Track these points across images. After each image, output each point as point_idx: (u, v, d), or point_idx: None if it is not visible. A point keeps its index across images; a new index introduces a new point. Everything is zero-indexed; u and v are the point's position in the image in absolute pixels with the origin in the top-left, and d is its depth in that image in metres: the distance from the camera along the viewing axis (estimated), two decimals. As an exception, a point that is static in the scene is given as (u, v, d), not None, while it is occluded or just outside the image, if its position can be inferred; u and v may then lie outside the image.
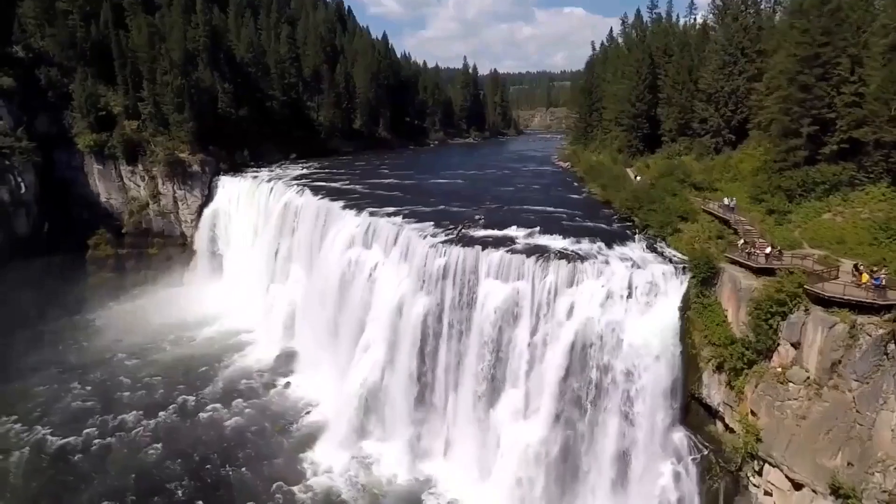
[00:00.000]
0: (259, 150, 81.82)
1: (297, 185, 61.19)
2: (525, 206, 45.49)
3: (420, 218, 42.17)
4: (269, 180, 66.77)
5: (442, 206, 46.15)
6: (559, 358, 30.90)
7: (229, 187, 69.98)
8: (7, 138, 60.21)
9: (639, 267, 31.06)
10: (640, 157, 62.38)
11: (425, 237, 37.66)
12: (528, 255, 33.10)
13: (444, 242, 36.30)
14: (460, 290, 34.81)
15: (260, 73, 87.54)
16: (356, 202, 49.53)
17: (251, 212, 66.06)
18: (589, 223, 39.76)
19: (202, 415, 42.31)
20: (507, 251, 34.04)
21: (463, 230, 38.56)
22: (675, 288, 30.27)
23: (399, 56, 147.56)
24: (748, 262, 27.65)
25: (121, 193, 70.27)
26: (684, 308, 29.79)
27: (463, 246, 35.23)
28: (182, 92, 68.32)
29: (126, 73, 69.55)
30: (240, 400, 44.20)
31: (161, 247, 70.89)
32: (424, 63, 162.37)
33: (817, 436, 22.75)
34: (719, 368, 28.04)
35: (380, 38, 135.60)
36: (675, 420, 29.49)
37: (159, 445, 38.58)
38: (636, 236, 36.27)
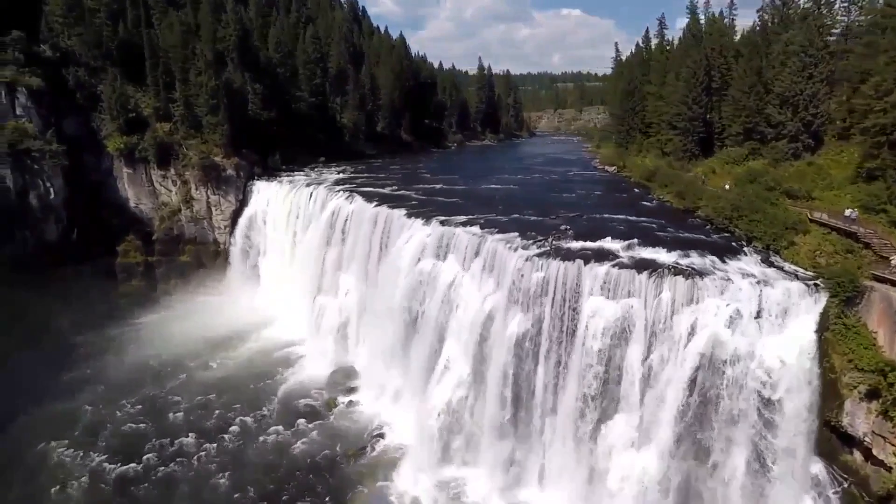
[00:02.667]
0: (289, 154, 79.12)
1: (342, 190, 58.51)
2: (604, 215, 43.17)
3: (498, 227, 39.75)
4: (308, 185, 64.11)
5: (515, 215, 43.72)
6: (682, 381, 28.61)
7: (265, 192, 67.31)
8: (36, 141, 57.26)
9: (766, 283, 28.82)
10: (694, 161, 60.43)
11: (516, 249, 35.23)
12: (639, 270, 30.73)
13: (539, 255, 33.87)
14: (561, 307, 32.39)
15: (289, 73, 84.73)
16: (418, 210, 46.99)
17: (290, 218, 63.42)
18: (684, 234, 37.51)
19: (266, 438, 39.68)
20: (613, 265, 31.68)
21: (554, 241, 36.16)
22: (808, 307, 28.11)
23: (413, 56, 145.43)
24: (907, 281, 25.47)
25: (151, 198, 67.51)
26: (821, 329, 27.62)
27: (562, 260, 32.83)
28: (217, 93, 65.58)
29: (157, 73, 66.79)
30: (303, 421, 41.61)
31: (193, 254, 68.20)
32: (440, 63, 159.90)
33: None
34: (870, 396, 25.81)
35: (396, 38, 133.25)
36: (813, 450, 27.26)
37: (227, 474, 35.95)
38: (746, 249, 34.05)
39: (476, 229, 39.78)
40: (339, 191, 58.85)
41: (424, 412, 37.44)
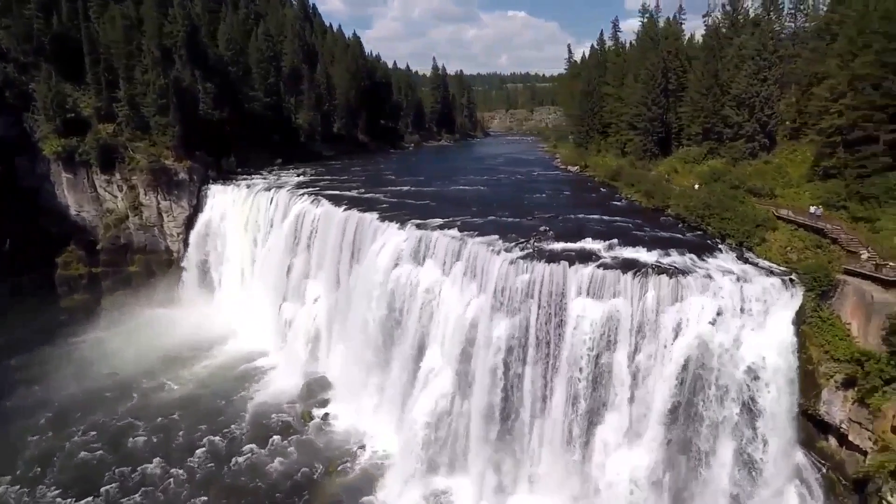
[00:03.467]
0: (244, 156, 75.69)
1: (306, 193, 56.33)
2: (578, 215, 43.41)
3: (476, 230, 39.17)
4: (268, 188, 61.45)
5: (491, 217, 43.29)
6: (669, 378, 28.96)
7: (221, 197, 64.04)
8: (-40, 144, 52.01)
9: (745, 280, 29.64)
10: (654, 161, 62.18)
11: (498, 252, 34.74)
12: (623, 271, 30.91)
13: (523, 258, 33.52)
14: (547, 310, 32.14)
15: (241, 72, 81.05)
16: (390, 213, 45.74)
17: (250, 224, 60.58)
18: (660, 233, 38.19)
19: (238, 459, 37.41)
20: (598, 266, 31.74)
21: (535, 243, 35.93)
22: (785, 302, 29.10)
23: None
24: (879, 275, 26.72)
25: (94, 205, 62.82)
26: (798, 323, 28.67)
27: (547, 262, 32.60)
28: (165, 92, 61.72)
29: (98, 70, 62.27)
30: (277, 437, 39.58)
31: (143, 264, 64.07)
32: (395, 63, 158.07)
33: None
34: (846, 385, 26.96)
35: (350, 37, 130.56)
36: (796, 439, 28.26)
37: (199, 501, 33.53)
38: (721, 246, 35.00)
39: (454, 232, 39.03)
40: (302, 194, 56.64)
41: (408, 422, 36.39)
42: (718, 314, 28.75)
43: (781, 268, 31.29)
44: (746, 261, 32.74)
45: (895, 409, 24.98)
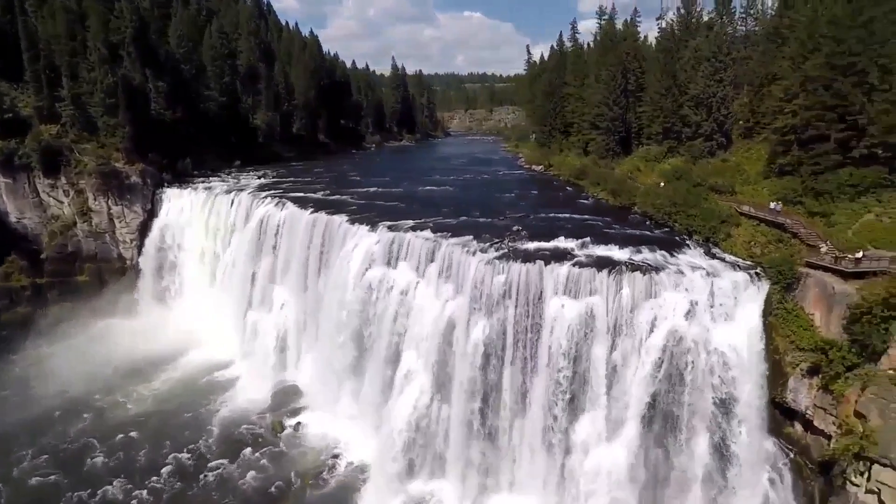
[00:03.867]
0: (200, 158, 72.73)
1: (270, 196, 54.58)
2: (549, 214, 43.80)
3: (450, 231, 38.81)
4: (228, 191, 59.25)
5: (463, 217, 43.10)
6: (646, 373, 29.59)
7: (177, 201, 61.26)
8: None
9: (715, 275, 30.58)
10: (616, 159, 63.64)
11: (474, 253, 34.56)
12: (598, 269, 31.30)
13: (499, 258, 33.45)
14: (525, 310, 32.20)
15: (195, 70, 77.80)
16: (359, 215, 44.82)
17: (209, 228, 58.24)
18: (629, 230, 38.95)
19: (208, 475, 35.82)
20: (573, 265, 32.04)
21: (510, 243, 35.94)
22: (752, 295, 30.21)
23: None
24: (838, 267, 28.04)
25: (37, 211, 58.91)
26: (765, 314, 29.80)
27: (523, 262, 32.65)
28: (114, 91, 58.49)
29: (38, 67, 58.30)
30: (248, 450, 38.14)
31: (93, 273, 60.51)
32: (353, 63, 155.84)
33: (945, 435, 23.34)
34: (811, 373, 28.20)
35: (307, 35, 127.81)
36: (766, 427, 29.37)
37: (167, 521, 31.88)
38: (689, 242, 35.99)
39: (428, 234, 38.58)
40: (265, 197, 54.85)
41: (385, 428, 35.75)
42: (691, 309, 29.55)
43: (747, 262, 32.48)
44: (713, 256, 33.81)
45: (857, 394, 26.29)
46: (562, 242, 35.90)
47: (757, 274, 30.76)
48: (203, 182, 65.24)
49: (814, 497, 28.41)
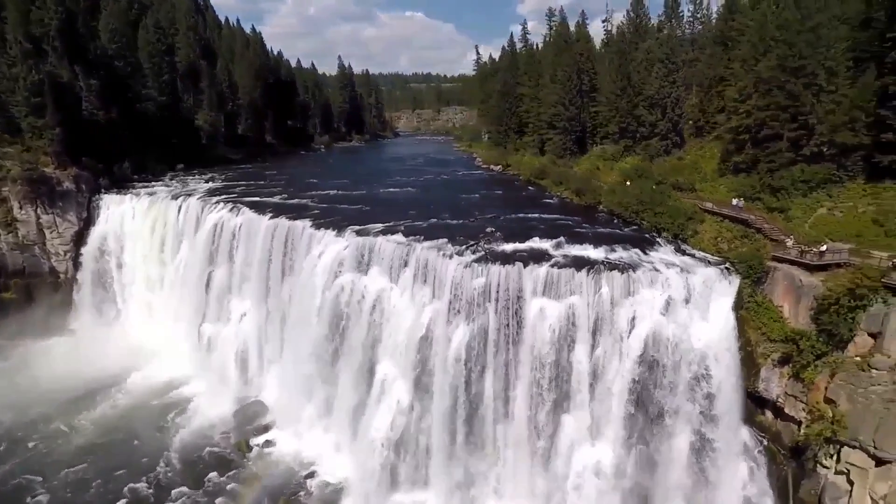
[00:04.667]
0: (140, 162, 67.97)
1: (222, 201, 51.54)
2: (518, 214, 43.68)
3: (421, 234, 37.80)
4: (175, 197, 55.54)
5: (433, 219, 42.21)
6: (627, 370, 29.89)
7: (117, 208, 56.87)
8: None
9: (688, 271, 31.31)
10: (573, 158, 64.80)
11: (451, 256, 33.77)
12: (577, 268, 31.34)
13: (477, 261, 32.85)
14: (505, 312, 31.77)
15: (130, 67, 72.47)
16: (323, 220, 42.99)
17: (155, 236, 54.40)
18: (600, 229, 39.39)
19: (171, 506, 33.07)
20: (552, 265, 31.93)
21: (486, 245, 35.42)
22: (724, 289, 31.14)
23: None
24: (803, 260, 29.31)
25: (-48, 224, 52.71)
26: (737, 308, 30.79)
27: (502, 264, 32.22)
28: (40, 89, 53.40)
29: (-51, 62, 52.22)
30: (214, 474, 35.63)
31: (21, 289, 54.94)
32: (298, 61, 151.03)
33: (910, 416, 24.79)
34: (782, 362, 29.35)
35: (249, 32, 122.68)
36: (742, 417, 30.35)
37: (128, 561, 29.12)
38: (659, 240, 36.76)
39: (399, 238, 37.43)
40: (217, 202, 51.74)
41: (363, 441, 34.41)
42: (668, 305, 30.10)
43: (715, 257, 33.52)
44: (683, 252, 34.72)
45: (826, 381, 27.56)
46: (537, 243, 35.77)
47: (727, 269, 31.78)
48: (145, 187, 60.92)
49: (787, 481, 29.55)
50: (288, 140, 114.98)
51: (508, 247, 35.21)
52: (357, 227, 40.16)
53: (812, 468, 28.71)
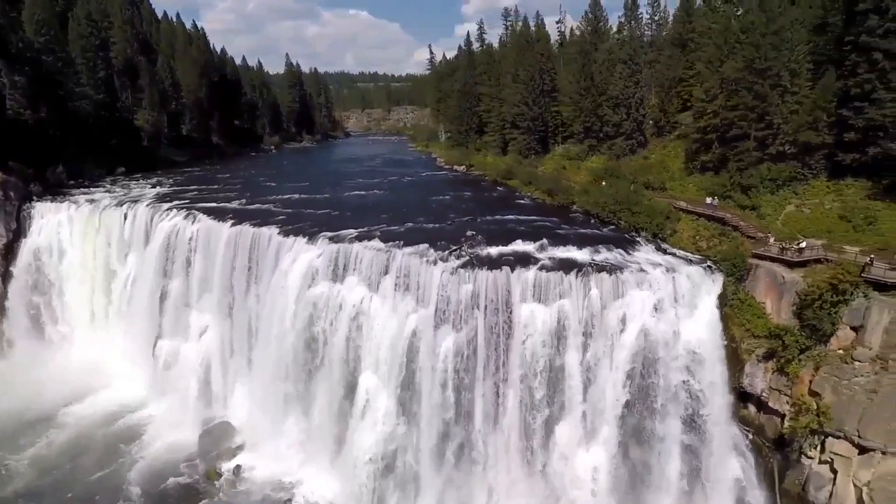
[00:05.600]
0: (76, 166, 62.43)
1: (175, 208, 47.86)
2: (494, 216, 42.84)
3: (400, 240, 36.18)
4: (119, 204, 51.25)
5: (408, 223, 40.68)
6: (620, 372, 29.73)
7: (52, 216, 51.82)
8: None
9: (674, 271, 31.46)
10: (537, 158, 65.01)
11: (436, 262, 32.45)
12: (566, 271, 30.84)
13: (463, 266, 31.71)
14: (494, 318, 30.82)
15: (60, 63, 66.37)
16: (291, 226, 40.54)
17: (98, 247, 49.96)
18: (579, 230, 39.18)
19: (135, 546, 29.97)
20: (539, 269, 31.29)
21: (468, 250, 34.34)
22: (708, 287, 31.53)
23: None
24: (784, 257, 30.01)
25: None
26: (721, 306, 31.22)
27: (489, 269, 31.25)
28: (-42, 86, 47.72)
29: None
30: (182, 508, 32.65)
31: (-61, 310, 48.89)
32: (244, 59, 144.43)
33: (891, 404, 25.74)
34: (766, 357, 29.97)
35: (190, 27, 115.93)
36: (732, 414, 30.78)
37: None
38: (640, 239, 36.89)
39: (377, 244, 35.72)
40: (169, 209, 48.00)
41: (346, 459, 32.64)
42: (657, 305, 30.08)
43: (696, 256, 33.94)
44: (665, 251, 34.98)
45: (811, 375, 28.34)
46: (520, 246, 35.06)
47: (709, 267, 32.19)
48: (84, 194, 55.89)
49: (773, 473, 30.25)
50: (236, 141, 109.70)
51: (493, 251, 34.29)
52: (329, 234, 38.11)
53: (796, 459, 29.51)
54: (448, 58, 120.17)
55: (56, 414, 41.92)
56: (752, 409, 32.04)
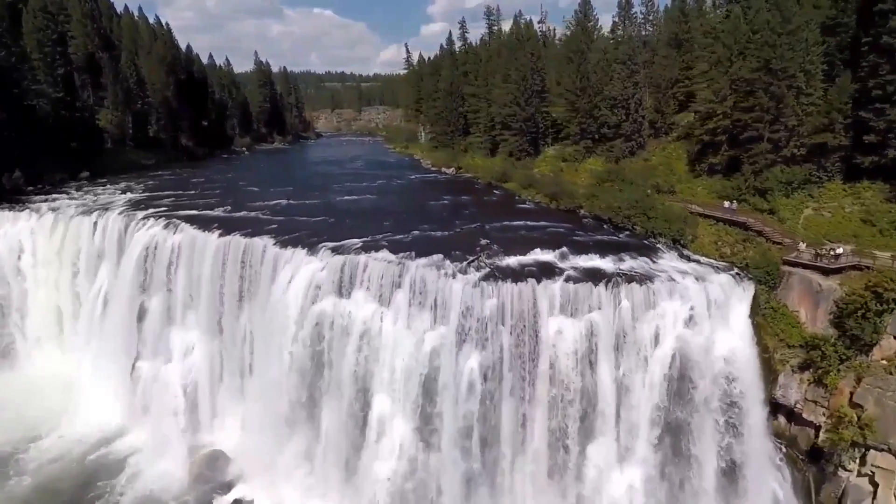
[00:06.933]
0: (35, 170, 57.30)
1: (152, 217, 43.99)
2: (503, 222, 40.68)
3: (410, 250, 33.57)
4: (88, 212, 46.97)
5: (415, 231, 38.17)
6: (654, 388, 28.18)
7: (10, 227, 47.46)
8: None
9: (704, 280, 30.13)
10: (530, 159, 63.56)
11: (454, 275, 30.11)
12: (594, 282, 29.06)
13: (485, 279, 29.51)
14: (520, 335, 28.75)
15: (14, 58, 60.79)
16: (286, 236, 37.42)
17: (65, 260, 45.64)
18: (595, 236, 37.53)
19: None
20: (566, 280, 29.41)
21: (485, 260, 32.15)
22: (740, 296, 30.30)
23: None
24: (819, 264, 29.00)
25: None
26: (752, 314, 30.06)
27: (514, 281, 29.15)
28: None
29: None
30: (175, 552, 29.27)
31: None
32: (210, 56, 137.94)
33: (940, 417, 24.94)
34: (802, 368, 28.91)
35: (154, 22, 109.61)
36: (769, 428, 29.64)
37: None
38: (660, 246, 35.43)
39: (387, 254, 33.11)
40: (145, 218, 44.08)
41: (360, 490, 29.95)
42: (690, 316, 28.66)
43: (722, 263, 32.70)
44: (688, 258, 33.62)
45: (850, 386, 27.38)
46: (540, 255, 33.10)
47: (738, 275, 30.99)
48: (45, 201, 51.18)
49: (809, 486, 29.24)
50: (205, 142, 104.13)
51: (511, 261, 32.20)
52: (331, 244, 35.24)
53: (833, 472, 28.52)
54: (426, 57, 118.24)
55: (21, 449, 37.40)
56: (782, 420, 30.98)
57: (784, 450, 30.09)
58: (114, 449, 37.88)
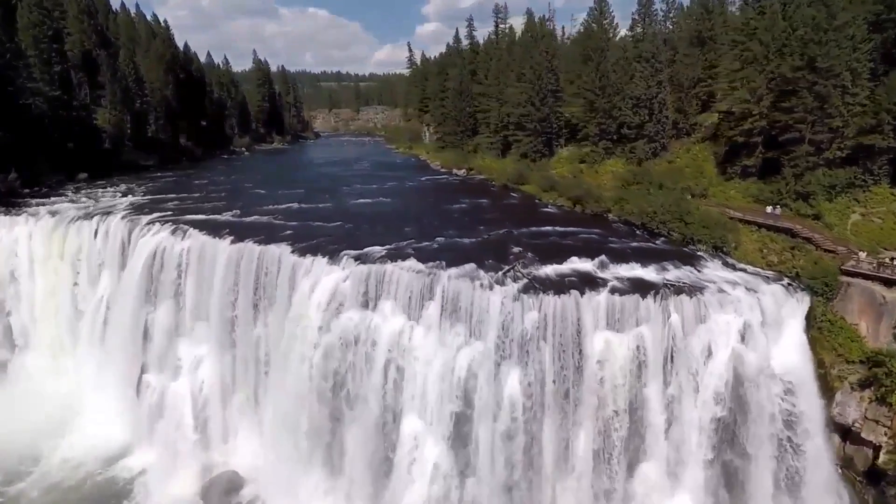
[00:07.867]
0: (31, 172, 54.81)
1: (157, 221, 41.70)
2: (530, 228, 38.73)
3: (440, 259, 31.39)
4: (89, 216, 44.63)
5: (440, 238, 36.09)
6: (706, 407, 26.33)
7: (7, 231, 44.85)
8: None
9: (756, 291, 28.30)
10: (545, 160, 61.73)
11: (491, 287, 28.10)
12: (640, 295, 27.16)
13: (525, 291, 27.53)
14: (563, 351, 26.81)
15: (9, 54, 58.26)
16: (304, 243, 35.33)
17: (64, 265, 43.32)
18: (631, 243, 35.60)
19: None
20: (610, 292, 27.49)
21: (522, 270, 30.14)
22: (793, 308, 28.53)
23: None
24: (882, 275, 27.26)
25: None
26: (807, 328, 28.28)
27: (555, 293, 27.19)
28: None
29: None
30: (192, 586, 27.11)
31: None
32: (208, 54, 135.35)
33: None
34: (863, 385, 27.17)
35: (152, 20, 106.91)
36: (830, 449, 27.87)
37: None
38: (701, 254, 33.56)
39: (414, 263, 31.02)
40: (151, 222, 41.79)
41: (392, 518, 27.84)
42: (744, 330, 26.82)
43: (770, 272, 30.90)
44: (734, 267, 31.77)
45: (918, 404, 25.62)
46: (577, 264, 31.12)
47: (790, 285, 29.19)
48: (43, 204, 48.71)
49: (868, 510, 27.55)
50: (204, 143, 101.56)
51: (549, 270, 30.23)
52: (353, 252, 33.10)
53: (894, 495, 26.84)
54: (429, 57, 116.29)
55: (20, 469, 35.20)
56: (836, 439, 29.26)
57: (840, 471, 28.39)
58: (119, 470, 35.60)
